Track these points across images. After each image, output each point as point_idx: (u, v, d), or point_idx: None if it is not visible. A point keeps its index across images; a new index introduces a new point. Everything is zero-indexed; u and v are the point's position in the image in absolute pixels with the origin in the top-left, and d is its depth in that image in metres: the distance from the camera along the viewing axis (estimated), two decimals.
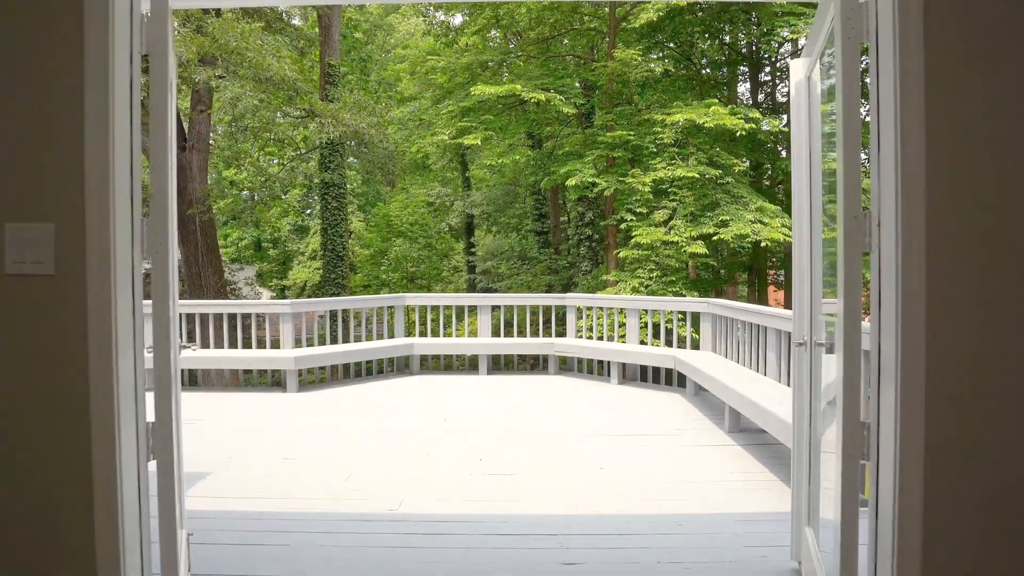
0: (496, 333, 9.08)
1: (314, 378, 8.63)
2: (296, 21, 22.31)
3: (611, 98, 15.12)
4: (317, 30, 19.01)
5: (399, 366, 8.92)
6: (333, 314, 9.78)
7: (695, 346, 7.69)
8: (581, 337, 8.68)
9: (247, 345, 8.39)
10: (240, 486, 4.58)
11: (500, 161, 14.48)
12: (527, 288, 21.04)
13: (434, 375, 8.73)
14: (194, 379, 8.41)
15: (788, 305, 18.49)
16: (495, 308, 9.21)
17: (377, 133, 13.32)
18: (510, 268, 22.51)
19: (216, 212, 24.52)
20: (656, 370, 7.80)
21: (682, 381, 7.54)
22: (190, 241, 14.21)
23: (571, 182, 13.35)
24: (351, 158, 32.06)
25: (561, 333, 9.13)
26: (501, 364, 9.27)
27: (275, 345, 8.24)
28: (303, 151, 19.26)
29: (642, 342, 8.06)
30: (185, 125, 14.38)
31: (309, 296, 31.42)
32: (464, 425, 6.13)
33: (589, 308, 8.71)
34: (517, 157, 14.91)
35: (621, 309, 8.14)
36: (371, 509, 4.09)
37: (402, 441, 5.62)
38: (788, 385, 5.42)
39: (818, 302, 2.97)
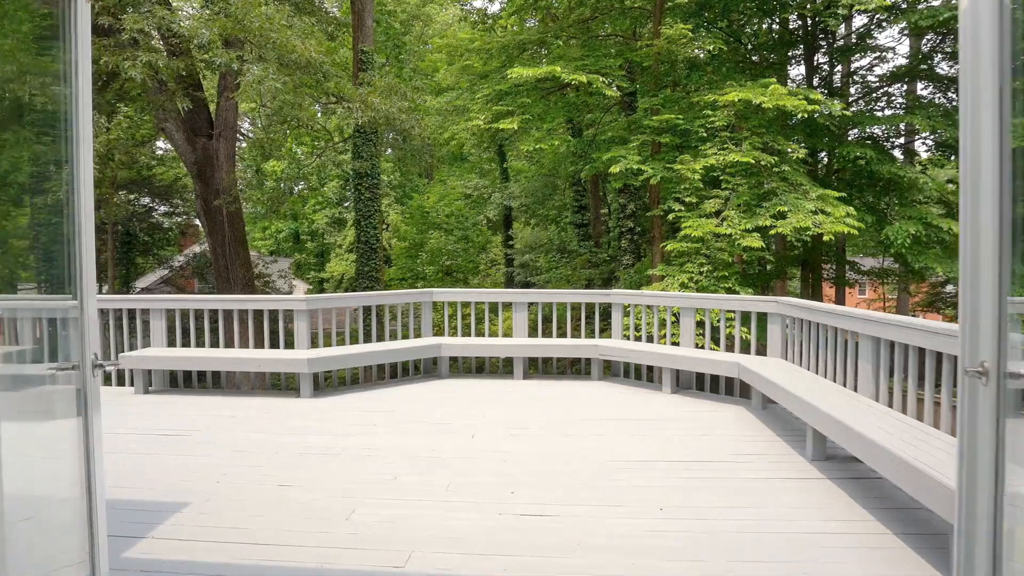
0: (533, 332, 8.14)
1: (331, 382, 7.79)
2: (334, 12, 21.63)
3: (656, 80, 14.02)
4: (350, 16, 18.29)
5: (426, 368, 8.04)
6: (356, 312, 8.95)
7: (760, 351, 6.63)
8: (628, 338, 7.67)
9: (259, 344, 7.61)
10: (220, 524, 3.73)
11: (538, 147, 13.48)
12: (566, 282, 20.05)
13: (464, 379, 7.82)
14: (207, 381, 7.65)
15: (840, 301, 17.17)
16: (532, 305, 8.24)
17: (408, 119, 12.44)
18: (549, 261, 21.56)
19: (255, 204, 24.09)
20: (715, 378, 6.76)
21: (745, 391, 6.50)
22: (217, 232, 13.55)
23: (614, 169, 12.30)
24: (388, 150, 31.43)
25: (605, 333, 8.16)
26: (539, 367, 8.32)
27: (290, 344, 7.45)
28: (336, 141, 18.56)
29: (698, 345, 7.02)
30: (212, 112, 13.73)
31: (346, 289, 30.92)
32: (495, 444, 5.20)
33: (638, 306, 7.69)
34: (556, 143, 13.90)
35: (675, 308, 7.09)
36: (371, 565, 3.19)
37: (420, 464, 4.72)
38: (890, 406, 4.38)
39: (1004, 309, 1.96)
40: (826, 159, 15.34)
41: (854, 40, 15.54)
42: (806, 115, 11.13)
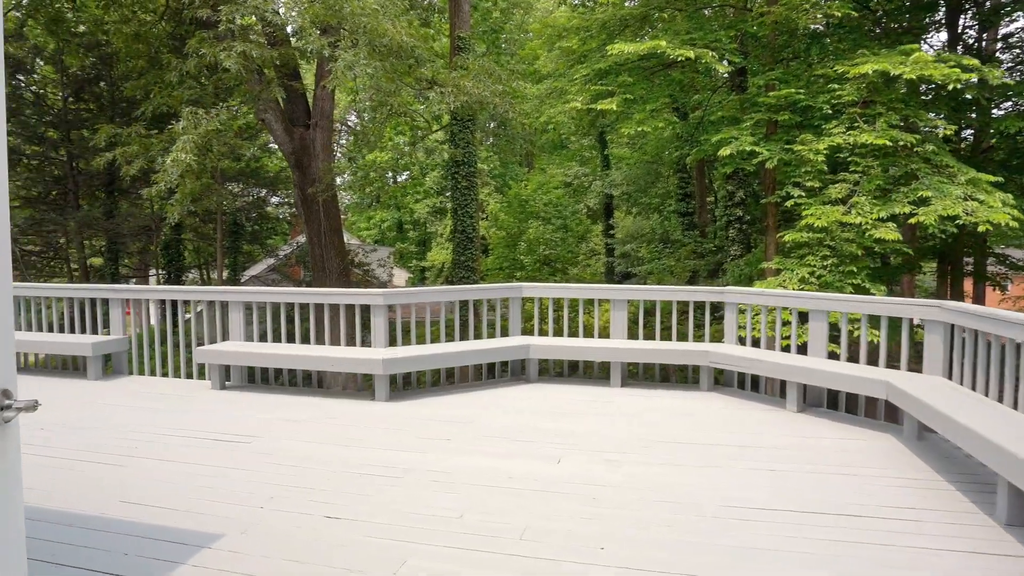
0: (633, 333, 7.15)
1: (411, 383, 7.10)
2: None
3: (773, 53, 12.53)
4: (447, 2, 17.69)
5: (514, 369, 7.22)
6: (439, 306, 8.24)
7: (912, 364, 5.36)
8: (744, 342, 6.53)
9: (336, 340, 7.02)
10: (247, 570, 3.03)
11: (641, 130, 12.32)
12: (670, 273, 18.73)
13: (555, 383, 6.94)
14: (283, 378, 7.14)
15: (979, 299, 15.00)
16: (631, 301, 7.23)
17: (503, 102, 11.62)
18: (651, 252, 20.28)
19: (355, 193, 24.15)
20: (851, 395, 5.55)
21: (891, 414, 5.27)
22: (313, 221, 13.29)
23: (725, 152, 10.99)
24: (490, 139, 30.89)
25: (716, 326, 7.03)
26: (639, 372, 7.32)
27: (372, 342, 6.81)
28: (434, 129, 18.10)
29: (832, 355, 5.82)
30: (309, 101, 13.46)
31: (446, 278, 30.74)
32: (585, 473, 4.29)
33: (756, 306, 6.54)
34: (660, 125, 12.67)
35: (801, 308, 5.91)
36: None
37: (493, 497, 3.88)
38: None
39: None
40: (971, 136, 13.29)
41: None
42: (959, 85, 9.42)
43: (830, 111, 10.74)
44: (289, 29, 11.68)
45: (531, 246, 23.44)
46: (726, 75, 13.83)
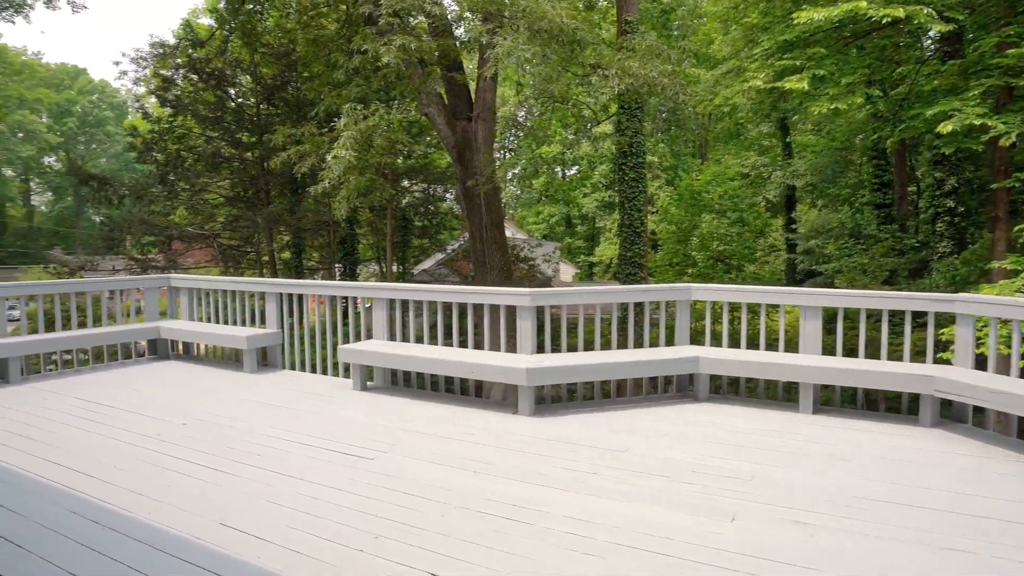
0: (829, 348, 5.82)
1: (560, 394, 6.26)
2: None
3: (1010, 5, 10.16)
4: None
5: (680, 385, 6.13)
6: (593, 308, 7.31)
7: None
8: (985, 367, 4.95)
9: (480, 344, 6.37)
10: None
11: (834, 108, 10.50)
12: (862, 272, 16.31)
13: (728, 404, 5.76)
14: (425, 381, 6.61)
15: None
16: (826, 309, 5.85)
17: (672, 83, 10.39)
18: (839, 248, 17.83)
19: (526, 188, 23.91)
20: None
21: None
22: (475, 215, 12.90)
23: (945, 128, 9.00)
24: (658, 132, 29.27)
25: (940, 351, 5.48)
26: (835, 395, 5.93)
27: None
28: (602, 119, 17.15)
29: None
30: (472, 95, 13.09)
31: (614, 273, 29.65)
32: (765, 539, 3.19)
33: (1004, 320, 4.94)
34: (858, 100, 10.74)
35: None
36: None
37: (643, 569, 2.92)
38: None
39: None
40: None
41: None
42: None
43: None
44: (450, 18, 11.32)
45: (703, 241, 21.65)
46: (933, 43, 11.55)
